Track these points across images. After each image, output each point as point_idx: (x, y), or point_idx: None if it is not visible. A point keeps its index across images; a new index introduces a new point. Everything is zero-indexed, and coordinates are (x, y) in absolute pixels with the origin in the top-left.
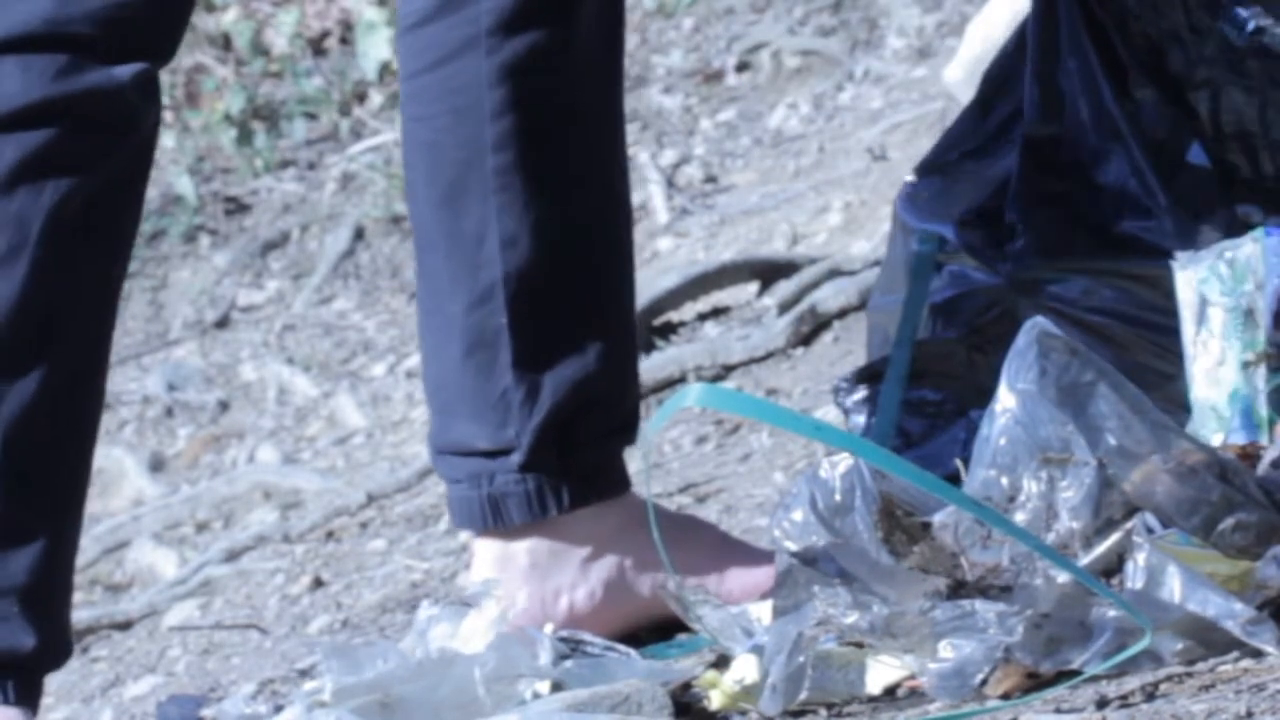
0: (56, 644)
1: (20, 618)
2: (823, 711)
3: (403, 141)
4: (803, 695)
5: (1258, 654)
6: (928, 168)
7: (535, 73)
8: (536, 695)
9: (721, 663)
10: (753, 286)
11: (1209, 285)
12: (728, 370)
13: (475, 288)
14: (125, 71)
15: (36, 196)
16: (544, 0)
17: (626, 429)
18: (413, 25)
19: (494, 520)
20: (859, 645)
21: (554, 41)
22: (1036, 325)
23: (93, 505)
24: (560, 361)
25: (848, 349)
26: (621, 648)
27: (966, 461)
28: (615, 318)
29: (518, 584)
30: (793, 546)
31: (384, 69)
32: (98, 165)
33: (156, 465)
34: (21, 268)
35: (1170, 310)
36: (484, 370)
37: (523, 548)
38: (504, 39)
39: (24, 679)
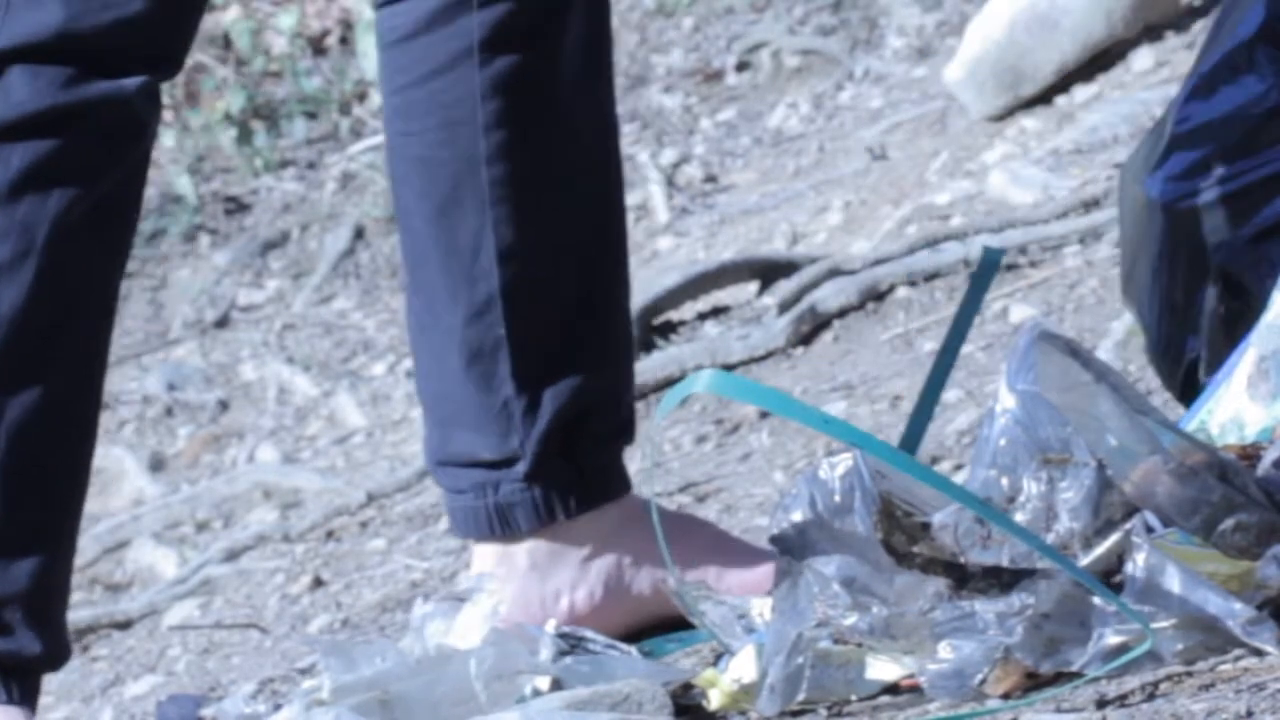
0: (59, 646)
1: (24, 624)
2: (822, 711)
3: (389, 157)
4: (800, 696)
5: (1258, 653)
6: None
7: (528, 84)
8: (536, 692)
9: (721, 660)
10: (753, 286)
11: None
12: (728, 370)
13: (474, 300)
14: (133, 81)
15: (42, 204)
16: (535, 12)
17: (626, 430)
18: (399, 40)
19: (502, 529)
20: (858, 645)
21: (545, 52)
22: (1037, 326)
23: (93, 505)
24: (560, 370)
25: (847, 349)
26: (622, 646)
27: None
28: (612, 322)
29: (518, 585)
30: (791, 547)
31: None
32: (103, 173)
33: (156, 465)
34: (28, 274)
35: None
36: (485, 382)
37: (523, 549)
38: (497, 51)
39: (27, 680)
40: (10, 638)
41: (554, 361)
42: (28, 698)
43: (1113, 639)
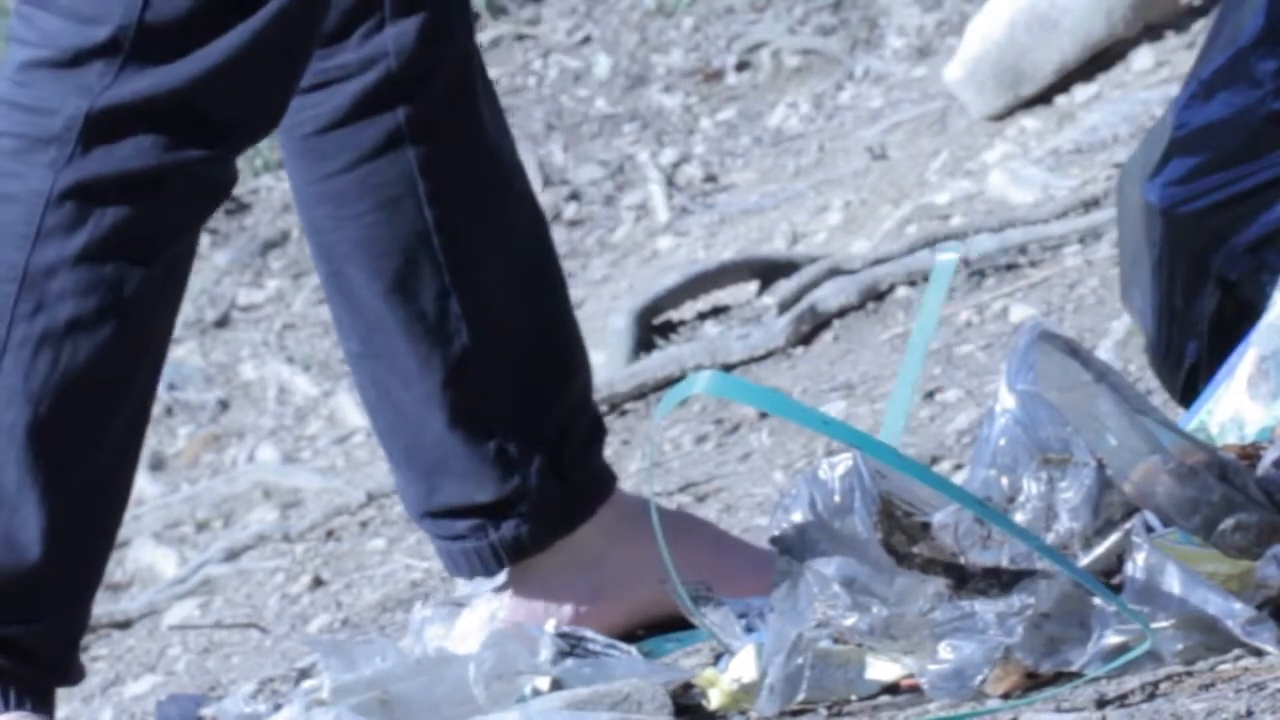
0: (77, 668)
1: (49, 653)
2: (822, 710)
3: (322, 242)
4: (800, 696)
5: (1258, 653)
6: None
7: (457, 152)
8: (536, 692)
9: (721, 660)
10: (753, 286)
11: None
12: (728, 369)
13: (449, 359)
14: (231, 146)
15: (130, 263)
16: (450, 85)
17: (599, 428)
18: (320, 130)
19: (510, 559)
20: (858, 645)
21: (466, 120)
22: (1037, 326)
23: None
24: (542, 404)
25: (847, 348)
26: (622, 645)
27: None
28: (567, 333)
29: (518, 589)
30: (791, 548)
31: None
32: (185, 232)
33: (156, 464)
34: (106, 332)
35: None
36: (473, 433)
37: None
38: (425, 129)
39: (42, 694)
40: (34, 664)
41: (535, 398)
42: (41, 707)
43: (1113, 639)
